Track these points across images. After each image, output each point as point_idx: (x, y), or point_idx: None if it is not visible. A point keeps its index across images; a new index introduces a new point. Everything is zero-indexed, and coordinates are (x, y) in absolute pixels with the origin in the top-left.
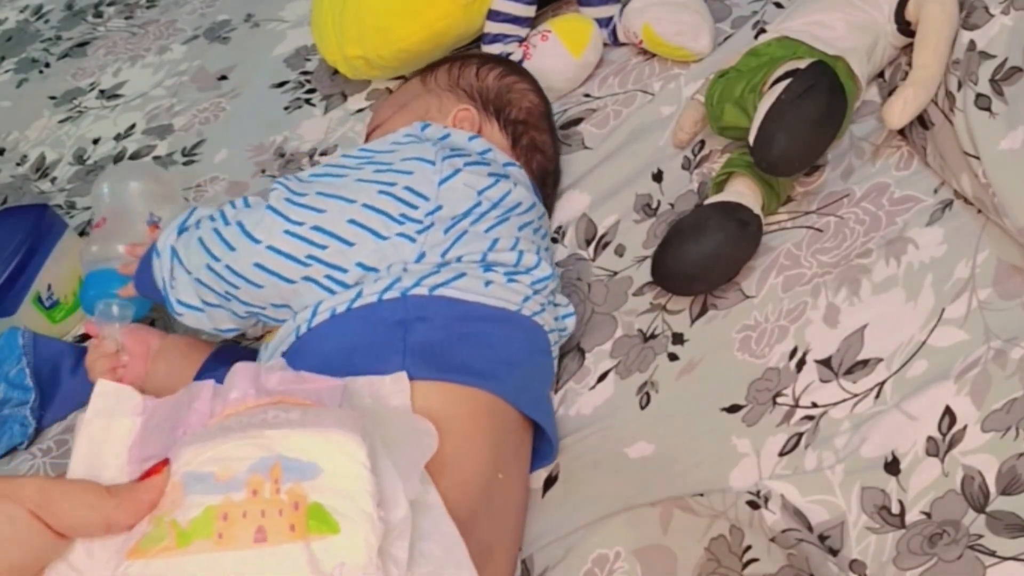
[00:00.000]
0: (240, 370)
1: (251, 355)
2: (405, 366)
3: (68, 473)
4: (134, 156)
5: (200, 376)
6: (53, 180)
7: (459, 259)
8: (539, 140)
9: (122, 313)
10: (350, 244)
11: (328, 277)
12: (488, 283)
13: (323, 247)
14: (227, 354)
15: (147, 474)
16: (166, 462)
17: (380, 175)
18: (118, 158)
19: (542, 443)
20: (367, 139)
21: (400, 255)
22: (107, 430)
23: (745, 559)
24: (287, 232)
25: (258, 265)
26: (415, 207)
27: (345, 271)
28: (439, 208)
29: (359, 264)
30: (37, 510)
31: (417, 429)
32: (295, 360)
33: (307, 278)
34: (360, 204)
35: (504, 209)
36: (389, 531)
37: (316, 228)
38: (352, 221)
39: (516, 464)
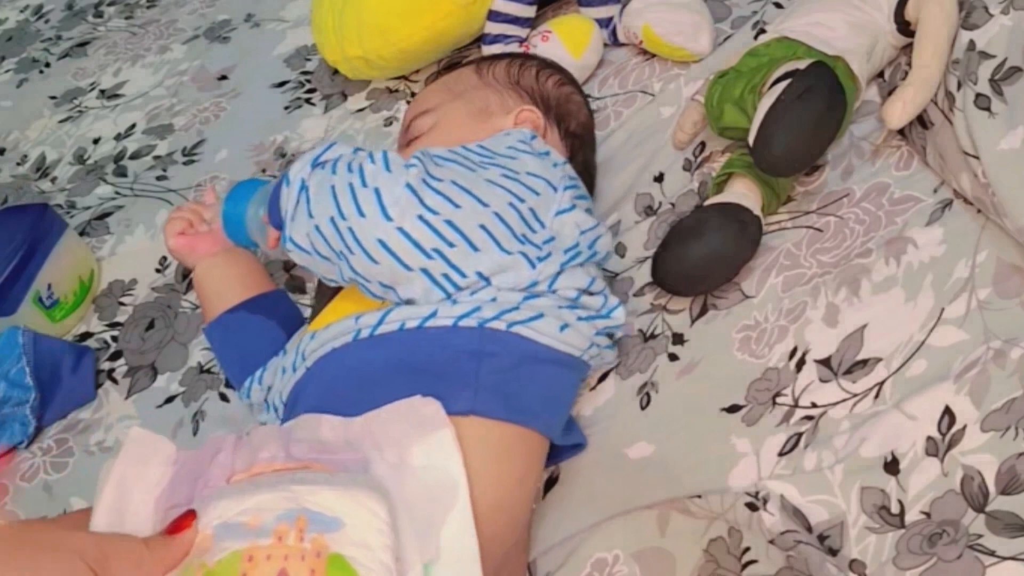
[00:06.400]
0: (269, 432)
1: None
2: (476, 401)
3: (93, 516)
4: (134, 156)
5: (239, 310)
6: (53, 180)
7: (554, 291)
8: (589, 160)
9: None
10: (476, 249)
11: (445, 276)
12: (564, 327)
13: (451, 245)
14: (270, 306)
15: (175, 526)
16: (193, 514)
17: (508, 183)
18: (118, 158)
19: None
20: (409, 123)
21: (517, 276)
22: (138, 477)
23: (744, 560)
24: (420, 218)
25: (382, 242)
26: (534, 231)
27: (464, 275)
28: (552, 239)
29: (478, 273)
30: (95, 565)
31: (439, 484)
32: (348, 362)
33: (425, 270)
34: (492, 211)
35: (593, 254)
36: None
37: (449, 223)
38: (483, 227)
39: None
